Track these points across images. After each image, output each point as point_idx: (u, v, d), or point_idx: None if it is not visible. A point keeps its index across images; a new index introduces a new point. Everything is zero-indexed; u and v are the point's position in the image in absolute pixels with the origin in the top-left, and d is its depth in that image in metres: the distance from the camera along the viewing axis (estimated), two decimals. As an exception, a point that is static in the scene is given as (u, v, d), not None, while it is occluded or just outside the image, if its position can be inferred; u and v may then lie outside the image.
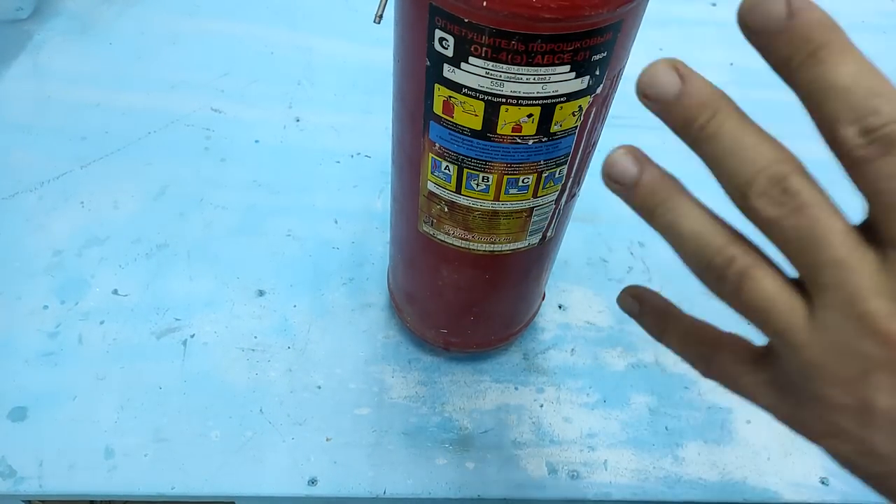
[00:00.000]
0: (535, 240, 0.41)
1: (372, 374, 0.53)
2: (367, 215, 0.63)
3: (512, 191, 0.36)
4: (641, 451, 0.51)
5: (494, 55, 0.29)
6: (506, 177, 0.35)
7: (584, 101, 0.32)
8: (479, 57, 0.29)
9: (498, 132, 0.33)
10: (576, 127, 0.34)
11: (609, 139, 0.76)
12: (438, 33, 0.30)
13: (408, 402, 0.52)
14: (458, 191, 0.37)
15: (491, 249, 0.41)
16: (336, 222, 0.62)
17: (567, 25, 0.28)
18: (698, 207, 0.24)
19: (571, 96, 0.31)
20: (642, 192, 0.24)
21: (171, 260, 0.58)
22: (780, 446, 0.52)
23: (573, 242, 0.63)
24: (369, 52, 0.77)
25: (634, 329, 0.58)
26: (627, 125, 0.75)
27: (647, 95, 0.23)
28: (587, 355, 0.56)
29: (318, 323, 0.56)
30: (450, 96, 0.32)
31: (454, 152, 0.35)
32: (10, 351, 0.52)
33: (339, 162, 0.67)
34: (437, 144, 0.35)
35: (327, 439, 0.50)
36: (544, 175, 0.36)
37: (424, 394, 0.53)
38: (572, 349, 0.56)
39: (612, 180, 0.24)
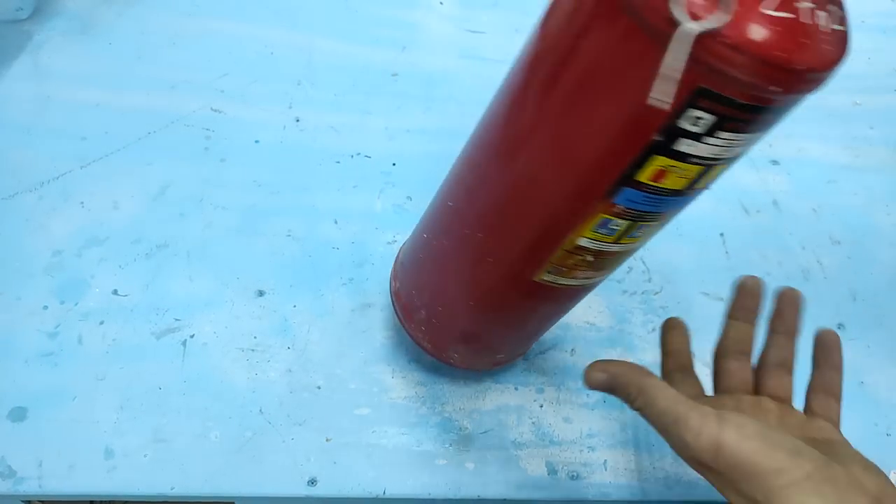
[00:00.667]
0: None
1: (372, 374, 0.53)
2: (367, 215, 0.63)
3: (651, 233, 0.35)
4: (641, 452, 0.51)
5: (747, 127, 0.26)
6: (660, 222, 0.33)
7: None
8: (732, 131, 0.26)
9: (693, 188, 0.30)
10: None
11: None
12: (695, 112, 0.26)
13: (408, 402, 0.52)
14: (616, 241, 0.34)
15: (593, 282, 0.39)
16: (336, 222, 0.62)
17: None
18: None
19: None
20: None
21: (171, 260, 0.58)
22: (781, 447, 0.52)
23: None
24: (369, 52, 0.77)
25: (634, 329, 0.58)
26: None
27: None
28: (587, 355, 0.56)
29: (318, 323, 0.56)
30: (671, 166, 0.28)
31: (638, 211, 0.32)
32: (10, 351, 0.52)
33: (339, 162, 0.67)
34: (620, 206, 0.31)
35: (327, 439, 0.50)
36: None
37: (424, 394, 0.53)
38: (572, 349, 0.56)
39: None
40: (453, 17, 0.81)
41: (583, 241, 0.34)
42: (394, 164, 0.67)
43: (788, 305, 0.40)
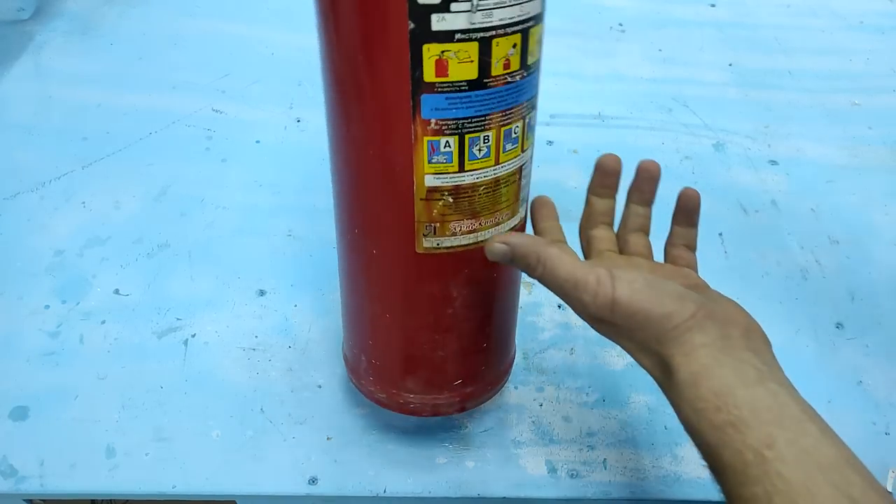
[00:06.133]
0: (523, 211, 0.39)
1: (372, 373, 0.53)
2: (367, 215, 0.63)
3: (508, 146, 0.35)
4: (641, 450, 0.52)
5: None
6: (502, 129, 0.34)
7: (541, 28, 0.33)
8: None
9: (492, 75, 0.31)
10: (539, 60, 0.34)
11: (610, 140, 0.76)
12: None
13: (408, 401, 0.52)
14: (461, 168, 0.34)
15: (494, 234, 0.38)
16: (336, 222, 0.62)
17: None
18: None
19: (537, 19, 0.32)
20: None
21: (173, 260, 0.58)
22: (779, 445, 0.52)
23: (572, 243, 0.63)
24: (370, 52, 0.77)
25: (634, 329, 0.58)
26: (627, 126, 0.75)
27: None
28: (586, 355, 0.56)
29: (319, 322, 0.56)
30: (443, 51, 0.30)
31: (453, 119, 0.32)
32: (12, 350, 0.52)
33: (339, 162, 0.67)
34: (432, 121, 0.32)
35: (328, 438, 0.50)
36: (527, 121, 0.35)
37: (424, 393, 0.53)
38: (572, 349, 0.56)
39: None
40: (453, 17, 0.82)
41: (430, 181, 0.34)
42: (394, 165, 0.67)
43: (646, 180, 0.42)
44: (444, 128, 0.32)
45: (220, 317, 0.55)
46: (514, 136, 0.35)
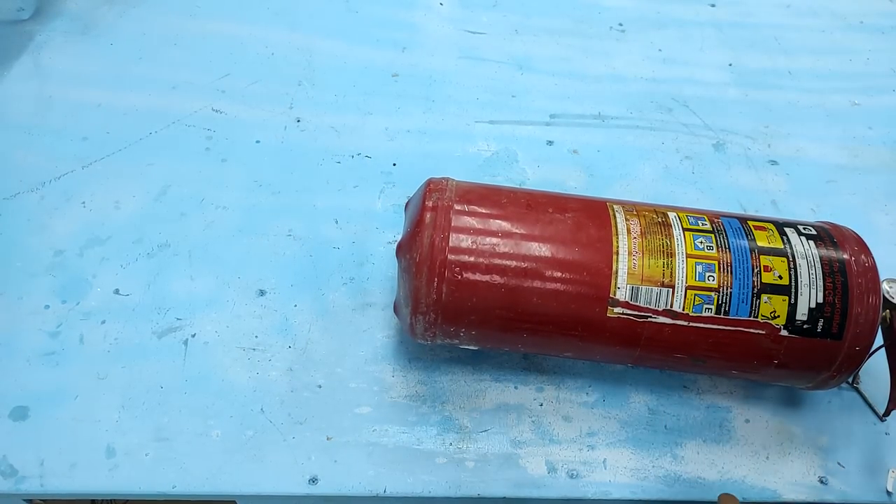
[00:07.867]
0: None
1: (372, 373, 0.53)
2: (367, 215, 0.63)
3: None
4: (641, 450, 0.52)
5: None
6: None
7: None
8: None
9: None
10: None
11: (609, 140, 0.76)
12: None
13: (408, 401, 0.52)
14: None
15: None
16: (336, 222, 0.62)
17: None
18: None
19: None
20: None
21: (173, 260, 0.58)
22: (779, 445, 0.52)
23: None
24: (370, 53, 0.77)
25: (634, 329, 0.58)
26: (627, 126, 0.75)
27: None
28: (587, 355, 0.56)
29: (319, 322, 0.56)
30: None
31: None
32: (12, 350, 0.52)
33: (339, 162, 0.67)
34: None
35: (328, 438, 0.50)
36: None
37: (424, 393, 0.53)
38: (572, 349, 0.56)
39: None
40: (453, 17, 0.82)
41: None
42: (394, 165, 0.67)
43: None
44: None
45: (220, 317, 0.55)
46: None
